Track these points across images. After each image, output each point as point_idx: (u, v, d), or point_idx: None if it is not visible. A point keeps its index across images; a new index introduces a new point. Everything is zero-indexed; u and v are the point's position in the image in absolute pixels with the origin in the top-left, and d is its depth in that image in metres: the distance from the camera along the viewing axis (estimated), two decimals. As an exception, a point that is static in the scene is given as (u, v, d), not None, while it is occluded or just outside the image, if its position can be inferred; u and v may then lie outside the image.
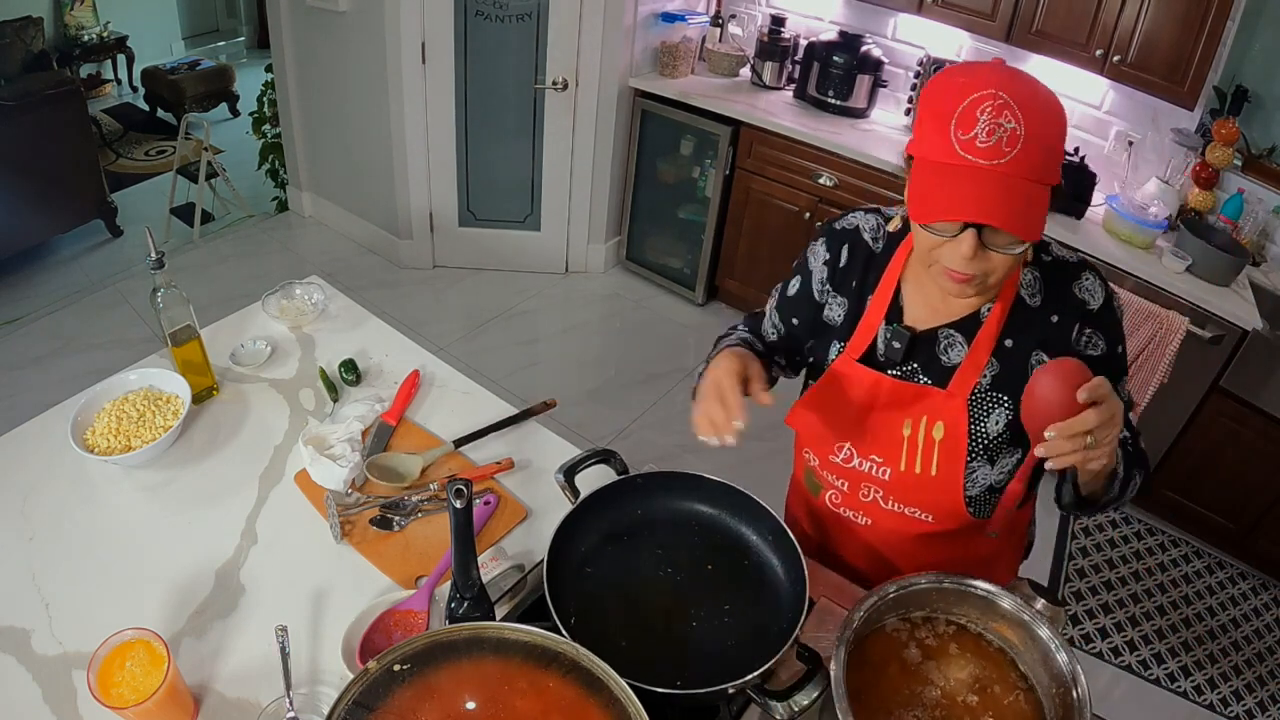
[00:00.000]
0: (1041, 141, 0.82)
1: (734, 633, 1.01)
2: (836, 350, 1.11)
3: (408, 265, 3.63)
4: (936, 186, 0.85)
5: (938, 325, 1.04)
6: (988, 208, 0.81)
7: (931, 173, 0.86)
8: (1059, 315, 1.00)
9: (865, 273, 1.09)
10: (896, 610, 0.99)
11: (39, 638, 1.01)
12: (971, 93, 0.82)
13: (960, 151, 0.82)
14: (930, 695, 0.93)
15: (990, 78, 0.82)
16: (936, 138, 0.84)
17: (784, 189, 3.07)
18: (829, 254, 1.13)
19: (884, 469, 1.10)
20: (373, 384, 1.48)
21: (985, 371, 1.02)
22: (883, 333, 1.06)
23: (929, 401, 1.04)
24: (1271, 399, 2.36)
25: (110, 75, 5.75)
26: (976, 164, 0.82)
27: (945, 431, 1.04)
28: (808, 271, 1.16)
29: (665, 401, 3.04)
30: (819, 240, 1.15)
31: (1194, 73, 2.30)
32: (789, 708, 0.86)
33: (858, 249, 1.10)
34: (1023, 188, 0.82)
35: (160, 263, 1.27)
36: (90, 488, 1.23)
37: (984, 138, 0.81)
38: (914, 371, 1.06)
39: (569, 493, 1.10)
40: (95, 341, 3.08)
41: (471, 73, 3.17)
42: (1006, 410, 1.02)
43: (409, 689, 0.80)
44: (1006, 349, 1.01)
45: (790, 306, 1.19)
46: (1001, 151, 0.81)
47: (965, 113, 0.82)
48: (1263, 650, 2.41)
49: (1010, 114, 0.80)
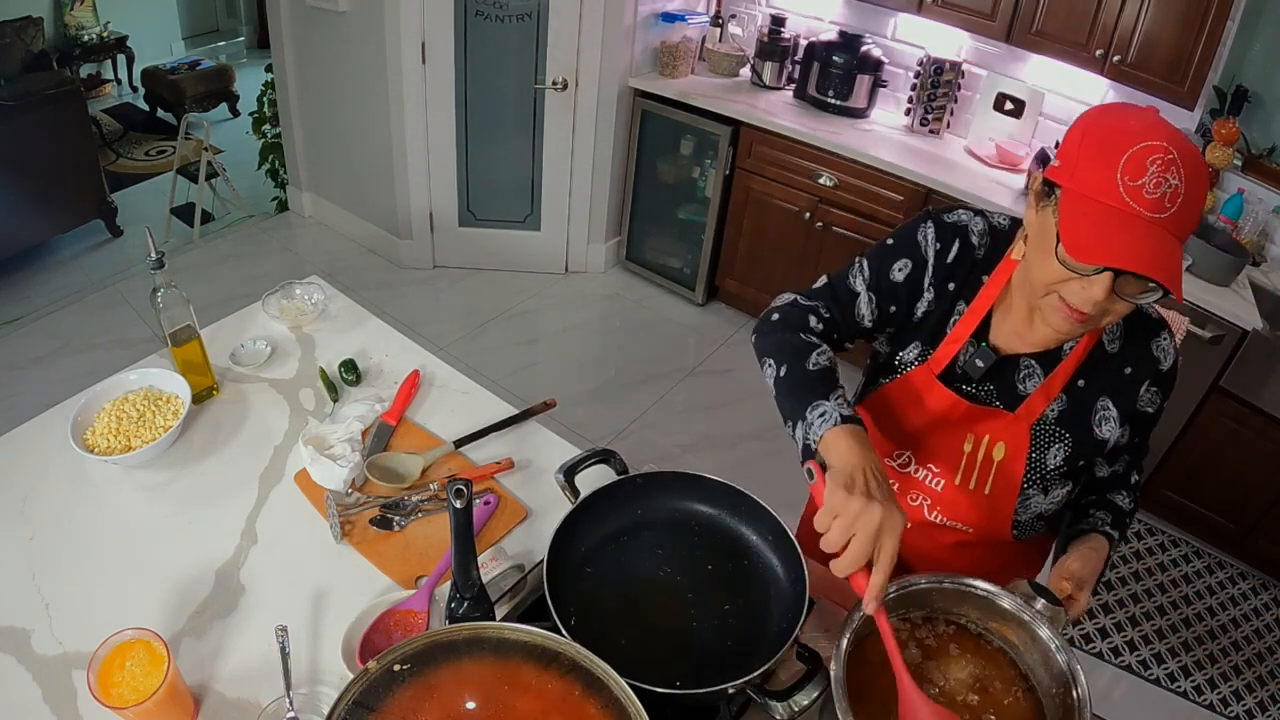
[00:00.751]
0: (1196, 203, 0.82)
1: (734, 633, 1.01)
2: (915, 352, 1.09)
3: (408, 265, 3.63)
4: (1099, 227, 0.82)
5: (1021, 352, 1.04)
6: (1151, 261, 0.80)
7: (1092, 211, 0.83)
8: (1133, 369, 1.02)
9: (966, 278, 1.05)
10: (896, 610, 0.99)
11: (39, 638, 1.01)
12: (1144, 140, 0.81)
13: (1125, 197, 0.81)
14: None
15: (1162, 130, 0.82)
16: (1099, 176, 0.82)
17: (784, 189, 3.07)
18: (939, 244, 1.06)
19: (939, 480, 1.11)
20: (373, 384, 1.48)
21: (1053, 405, 1.03)
22: (968, 348, 1.05)
23: (995, 422, 1.05)
24: (1271, 399, 2.36)
25: (110, 75, 5.75)
26: (1139, 213, 0.81)
27: (1006, 453, 1.05)
28: (921, 259, 1.07)
29: (665, 401, 3.04)
30: (928, 225, 1.07)
31: (1194, 73, 2.30)
32: (789, 708, 0.86)
33: (965, 250, 1.05)
34: (1173, 244, 0.82)
35: (160, 263, 1.27)
36: (90, 488, 1.23)
37: (1151, 189, 0.80)
38: (989, 394, 1.06)
39: (569, 493, 1.10)
40: (95, 341, 3.08)
41: (471, 73, 3.17)
42: (1066, 447, 1.05)
43: (409, 689, 0.80)
44: (1078, 388, 1.03)
45: (893, 292, 1.09)
46: (1164, 206, 0.80)
47: (1135, 159, 0.80)
48: (1263, 650, 2.41)
49: (1176, 171, 0.80)
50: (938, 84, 2.94)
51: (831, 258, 3.05)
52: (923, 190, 2.72)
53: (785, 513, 1.08)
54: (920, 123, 3.02)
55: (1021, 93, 2.83)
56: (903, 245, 1.08)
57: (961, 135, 3.05)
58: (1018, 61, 2.84)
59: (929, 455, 1.10)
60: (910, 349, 1.10)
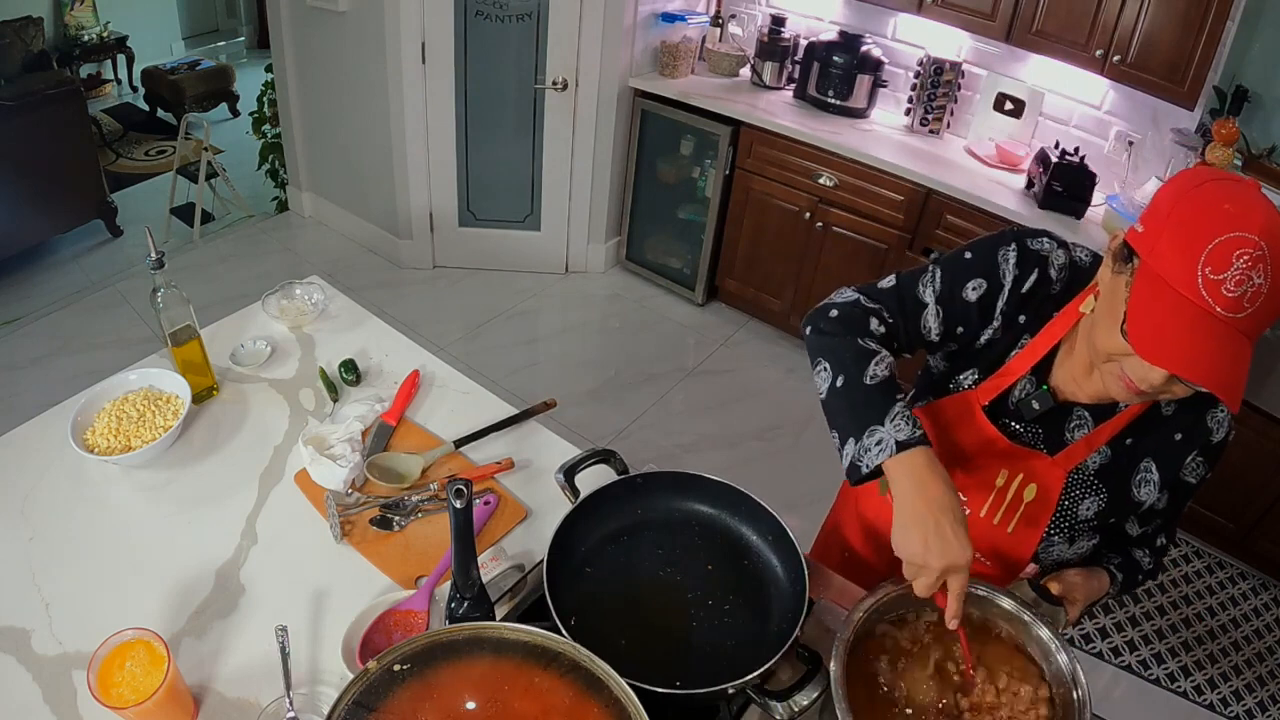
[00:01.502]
0: (1275, 303, 0.76)
1: (734, 633, 1.01)
2: (972, 379, 1.05)
3: (408, 265, 3.63)
4: (1168, 323, 0.77)
5: (1077, 400, 1.00)
6: (1213, 370, 0.76)
7: (1164, 300, 0.78)
8: (1183, 435, 0.99)
9: (1036, 311, 1.00)
10: (896, 610, 0.99)
11: (39, 638, 1.01)
12: (1235, 230, 0.74)
13: (1203, 292, 0.75)
14: (930, 696, 0.93)
15: (1257, 219, 0.74)
16: (1180, 261, 0.76)
17: (784, 189, 3.07)
18: (1019, 271, 0.98)
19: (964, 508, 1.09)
20: (373, 384, 1.48)
21: (1095, 456, 1.01)
22: (1025, 385, 1.01)
23: (1033, 463, 1.02)
24: (1271, 399, 2.36)
25: (110, 75, 5.76)
26: (1213, 311, 0.75)
27: (1037, 495, 1.02)
28: (998, 282, 0.99)
29: (665, 401, 3.04)
30: (1010, 249, 0.99)
31: (1194, 73, 2.30)
32: (789, 708, 0.86)
33: (1042, 283, 0.98)
34: (1242, 346, 0.77)
35: (160, 263, 1.27)
36: (90, 488, 1.23)
37: (1231, 287, 0.74)
38: (1036, 436, 1.03)
39: (569, 492, 1.10)
40: (95, 341, 3.08)
41: (471, 73, 3.17)
42: (1101, 501, 1.02)
43: (409, 689, 0.80)
44: (1124, 445, 1.00)
45: (965, 312, 1.01)
46: (1242, 306, 0.75)
47: (1221, 250, 0.74)
48: (1263, 650, 2.41)
49: (1264, 269, 0.74)
50: (938, 84, 2.94)
51: (831, 258, 3.05)
52: (923, 190, 2.72)
53: (785, 513, 1.08)
54: (920, 123, 3.02)
55: (1021, 93, 2.83)
56: (980, 263, 1.01)
57: (961, 135, 3.05)
58: (1018, 61, 2.84)
59: (959, 483, 1.06)
60: (968, 375, 1.06)
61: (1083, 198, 2.57)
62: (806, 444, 2.89)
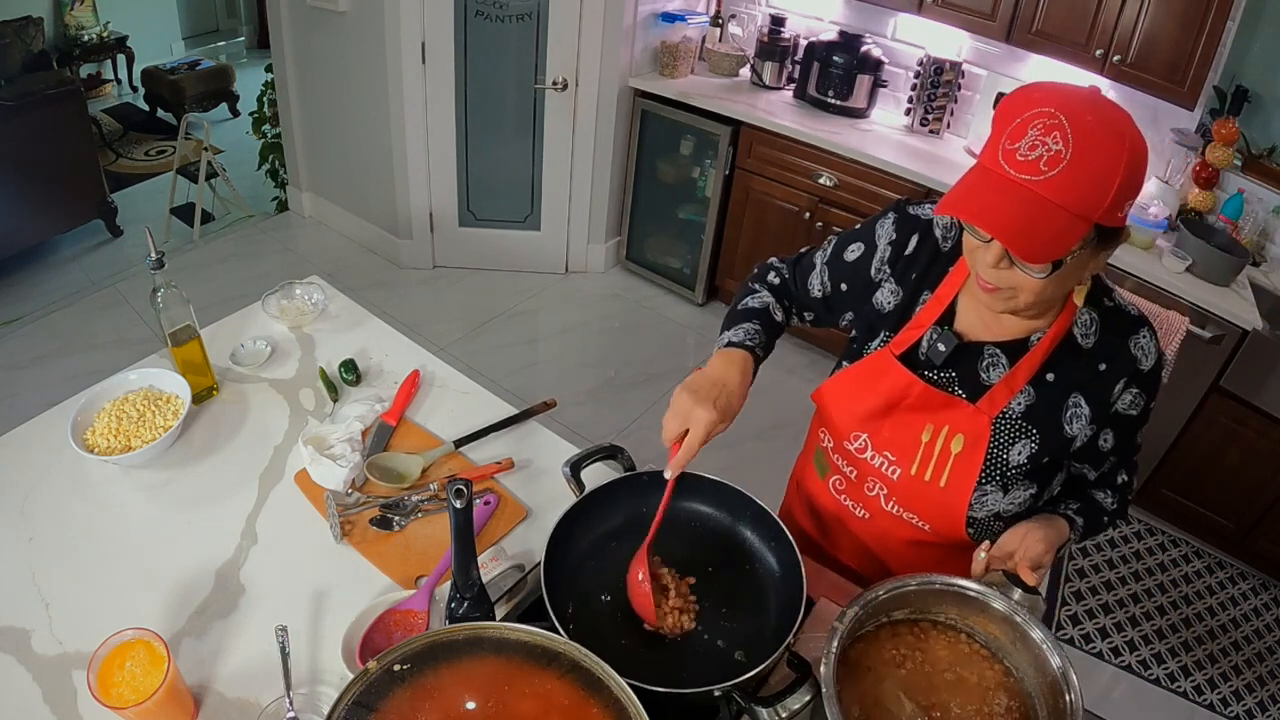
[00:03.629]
0: (1088, 170, 0.79)
1: (732, 634, 1.01)
2: (882, 340, 1.10)
3: (408, 265, 3.63)
4: (965, 186, 0.85)
5: (986, 340, 1.03)
6: (992, 218, 0.81)
7: (971, 174, 0.86)
8: (1107, 365, 0.99)
9: (928, 268, 1.07)
10: (887, 611, 0.99)
11: (39, 638, 1.01)
12: (1035, 107, 0.81)
13: (1001, 160, 0.82)
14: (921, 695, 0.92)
15: (1057, 97, 0.81)
16: (990, 143, 0.85)
17: (784, 189, 3.07)
18: (895, 235, 1.09)
19: (894, 468, 1.09)
20: (373, 384, 1.48)
21: (1019, 398, 1.01)
22: (931, 333, 1.05)
23: (955, 412, 1.03)
24: (1271, 399, 2.36)
25: (110, 75, 5.75)
26: (1008, 174, 0.81)
27: (964, 446, 1.03)
28: (872, 245, 1.11)
29: (665, 401, 3.03)
30: (888, 216, 1.11)
31: (1194, 73, 2.30)
32: (775, 714, 0.86)
33: (926, 241, 1.07)
34: (1048, 211, 0.80)
35: (160, 263, 1.27)
36: (90, 488, 1.23)
37: (1025, 151, 0.80)
38: (951, 381, 1.05)
39: (574, 485, 1.10)
40: (95, 341, 3.08)
41: (471, 73, 3.17)
42: (1033, 443, 1.02)
43: (409, 689, 0.80)
44: (1046, 382, 1.00)
45: (843, 271, 1.15)
46: (1039, 169, 0.79)
47: (1019, 125, 0.81)
48: (1263, 650, 2.41)
49: (1060, 135, 0.78)
50: (938, 84, 2.94)
51: (831, 258, 3.05)
52: (922, 190, 2.72)
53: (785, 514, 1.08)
54: (920, 123, 3.02)
55: (1021, 93, 2.83)
56: (862, 230, 1.14)
57: (961, 135, 3.05)
58: (1018, 61, 2.84)
59: (886, 442, 1.09)
60: (878, 340, 1.11)
61: (1083, 198, 2.57)
62: (806, 444, 2.88)
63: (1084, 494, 1.13)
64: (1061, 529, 1.07)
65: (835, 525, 1.25)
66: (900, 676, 0.94)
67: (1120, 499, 1.13)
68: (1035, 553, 1.01)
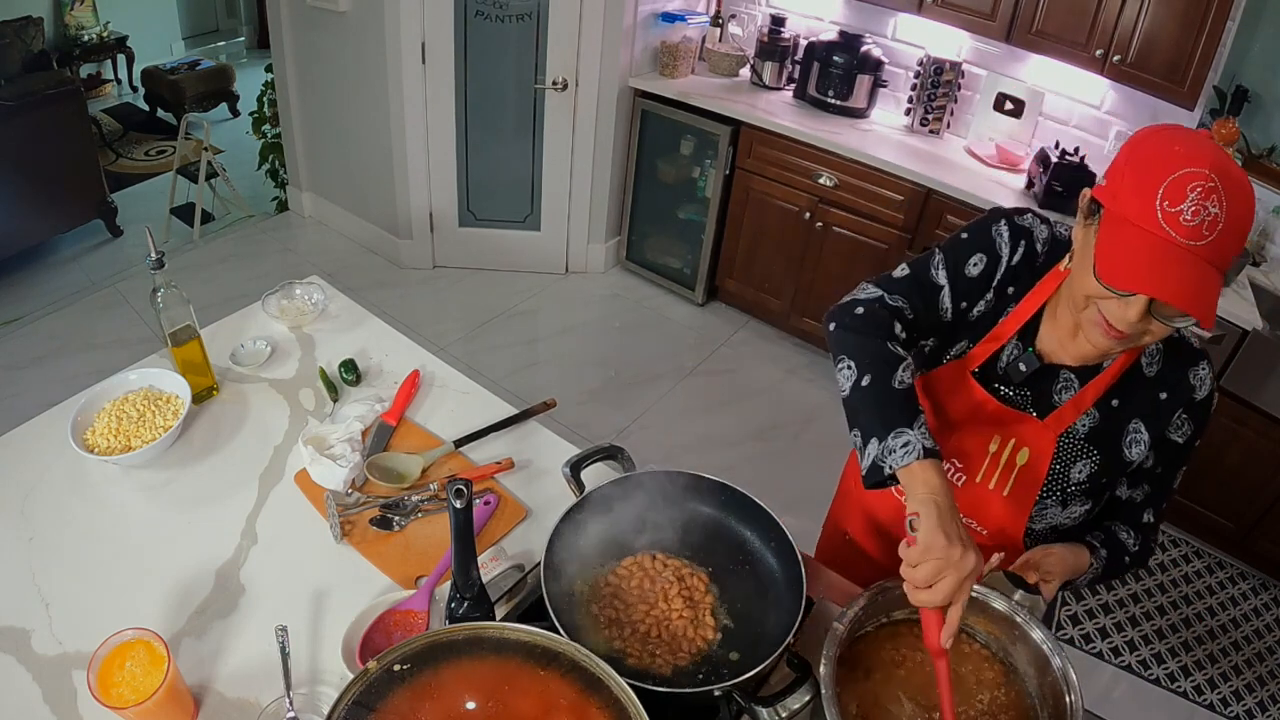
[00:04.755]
0: (1236, 231, 0.81)
1: (732, 634, 1.01)
2: (963, 347, 1.09)
3: (408, 265, 3.63)
4: (1133, 253, 0.83)
5: (1062, 363, 1.03)
6: (1180, 289, 0.80)
7: (1128, 235, 0.84)
8: (1168, 394, 1.01)
9: (1020, 281, 1.05)
10: (887, 611, 0.99)
11: (39, 638, 1.01)
12: (1186, 166, 0.80)
13: (1163, 223, 0.81)
14: (922, 696, 0.92)
15: (1206, 156, 0.81)
16: (1138, 200, 0.82)
17: (784, 189, 3.07)
18: (1010, 245, 1.05)
19: (960, 475, 1.11)
20: (373, 384, 1.48)
21: (1084, 419, 1.03)
22: (1011, 349, 1.05)
23: (1024, 427, 1.04)
24: (1271, 399, 2.36)
25: (110, 75, 5.75)
26: (1174, 240, 0.81)
27: (1029, 459, 1.05)
28: (996, 256, 1.06)
29: (665, 401, 3.04)
30: (1001, 224, 1.06)
31: (1194, 73, 2.30)
32: (775, 714, 0.86)
33: (1029, 255, 1.05)
34: (1209, 273, 0.81)
35: (160, 263, 1.27)
36: (90, 488, 1.23)
37: (1189, 217, 0.80)
38: (1025, 399, 1.06)
39: (574, 486, 1.10)
40: (95, 341, 3.08)
41: (471, 73, 3.17)
42: (1093, 464, 1.03)
43: (409, 689, 0.80)
44: (1111, 406, 1.02)
45: (967, 288, 1.07)
46: (1202, 234, 0.80)
47: (1175, 185, 0.80)
48: (1263, 650, 2.41)
49: (1218, 199, 0.79)
50: (938, 84, 2.94)
51: (831, 258, 3.05)
52: (923, 190, 2.72)
53: (784, 513, 1.08)
54: (920, 123, 3.02)
55: (1021, 93, 2.83)
56: (978, 241, 1.07)
57: (961, 135, 3.05)
58: (1018, 61, 2.84)
59: (954, 450, 1.10)
60: (959, 346, 1.10)
61: (1083, 198, 2.57)
62: (806, 444, 2.89)
63: (1108, 528, 1.13)
64: (1082, 558, 1.07)
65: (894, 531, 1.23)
66: (900, 676, 0.94)
67: (1143, 542, 1.12)
68: (1047, 563, 1.04)
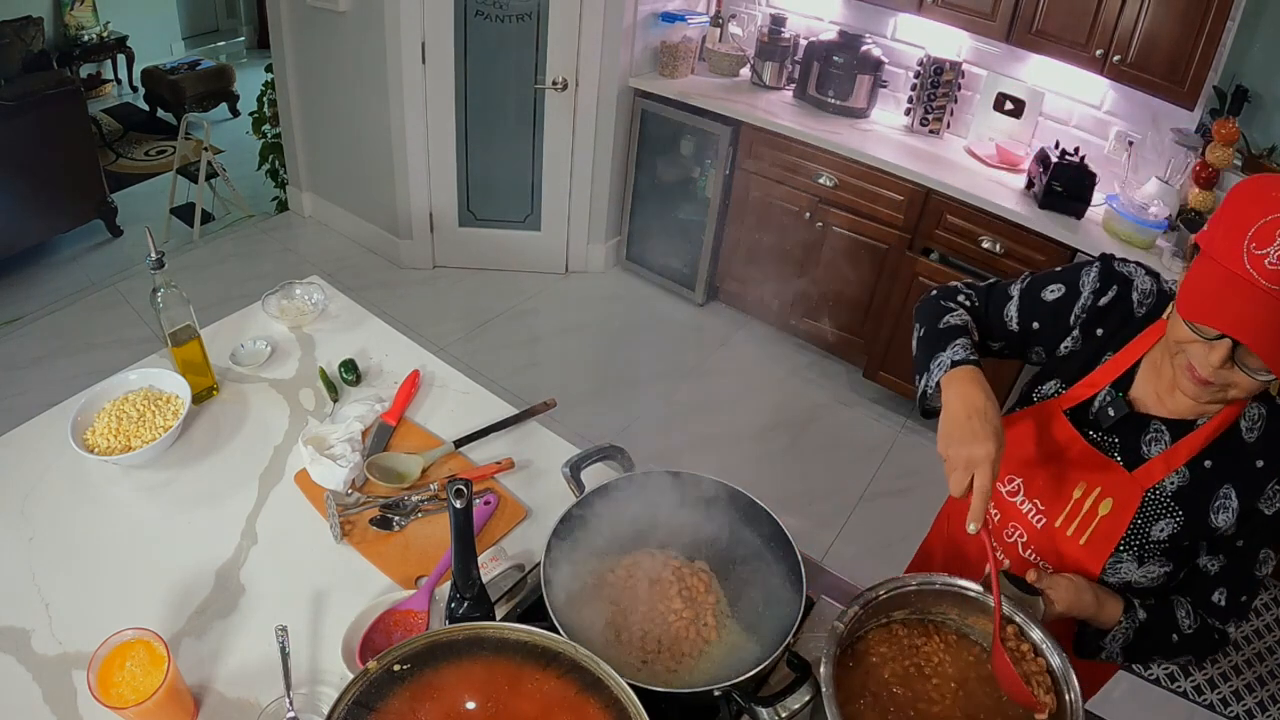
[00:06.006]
0: None
1: (731, 634, 1.01)
2: (1054, 387, 1.10)
3: (408, 265, 3.63)
4: (1213, 290, 0.83)
5: (1155, 414, 1.02)
6: (1253, 330, 0.80)
7: (1213, 274, 0.84)
8: (1265, 462, 0.97)
9: (1118, 328, 1.06)
10: (887, 611, 0.99)
11: (39, 638, 1.01)
12: (1278, 211, 0.80)
13: (1247, 265, 0.81)
14: (922, 696, 0.93)
15: None
16: (1227, 241, 0.83)
17: (784, 189, 3.07)
18: (1098, 285, 1.07)
19: (1040, 517, 1.10)
20: (373, 384, 1.48)
21: (1173, 477, 1.00)
22: (1105, 394, 1.05)
23: (1110, 476, 1.03)
24: (1271, 399, 2.36)
25: (110, 75, 5.75)
26: (1258, 283, 0.80)
27: (1111, 509, 1.03)
28: (1076, 291, 1.09)
29: (665, 401, 3.04)
30: (1094, 266, 1.09)
31: (1194, 73, 2.29)
32: (775, 714, 0.86)
33: (1123, 301, 1.06)
34: None
35: (160, 263, 1.27)
36: (90, 488, 1.23)
37: (1274, 260, 0.79)
38: (1113, 445, 1.04)
39: (574, 486, 1.10)
40: (95, 341, 3.08)
41: (471, 73, 3.17)
42: (1176, 523, 1.00)
43: (409, 689, 0.80)
44: (1203, 467, 0.99)
45: (1039, 309, 1.12)
46: None
47: (1265, 228, 0.80)
48: (1262, 650, 2.41)
49: None
50: (938, 84, 2.94)
51: (832, 257, 3.05)
52: (923, 190, 2.72)
53: (784, 513, 1.08)
54: (920, 123, 3.02)
55: (1021, 93, 2.83)
56: (1064, 273, 1.12)
57: (961, 135, 3.05)
58: (1018, 61, 2.84)
59: (1038, 490, 1.09)
60: (1050, 384, 1.11)
61: (1083, 198, 2.57)
62: (806, 444, 2.89)
63: (1168, 598, 1.06)
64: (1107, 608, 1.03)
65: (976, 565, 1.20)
66: (900, 676, 0.94)
67: (1202, 628, 1.04)
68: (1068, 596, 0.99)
